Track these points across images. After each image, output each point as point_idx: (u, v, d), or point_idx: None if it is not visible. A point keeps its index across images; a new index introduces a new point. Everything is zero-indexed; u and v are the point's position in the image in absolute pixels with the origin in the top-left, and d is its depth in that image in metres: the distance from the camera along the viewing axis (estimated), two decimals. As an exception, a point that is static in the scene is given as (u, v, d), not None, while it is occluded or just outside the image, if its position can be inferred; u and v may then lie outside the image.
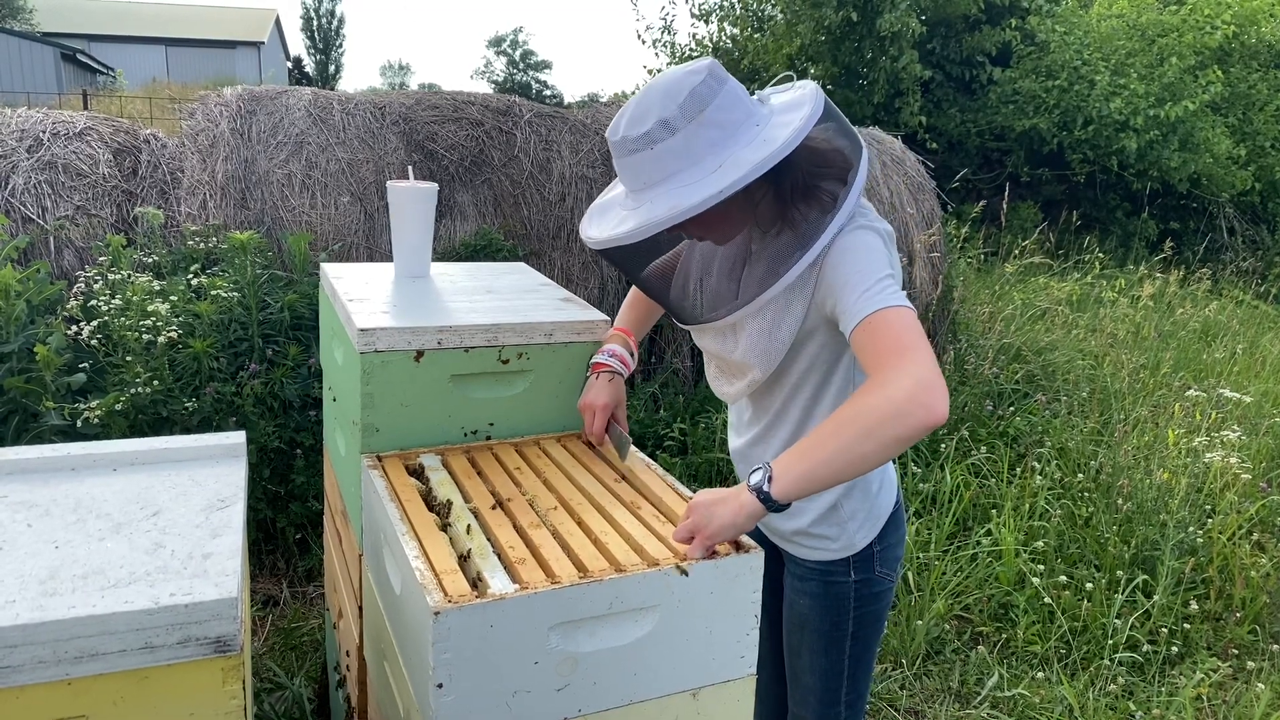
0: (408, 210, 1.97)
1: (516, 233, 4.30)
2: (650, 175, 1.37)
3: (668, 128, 1.33)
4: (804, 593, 1.65)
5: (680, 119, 1.33)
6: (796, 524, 1.61)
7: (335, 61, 43.78)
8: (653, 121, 1.33)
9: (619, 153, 1.39)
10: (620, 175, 1.43)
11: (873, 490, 1.61)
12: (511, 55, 50.35)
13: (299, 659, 2.79)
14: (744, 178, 1.30)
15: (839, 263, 1.38)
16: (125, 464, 1.51)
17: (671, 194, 1.34)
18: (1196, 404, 4.60)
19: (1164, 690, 2.91)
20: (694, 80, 1.34)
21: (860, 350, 1.32)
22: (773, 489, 1.27)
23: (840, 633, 1.63)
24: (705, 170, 1.33)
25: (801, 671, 1.70)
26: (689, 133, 1.33)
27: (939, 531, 3.52)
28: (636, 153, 1.36)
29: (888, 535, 1.63)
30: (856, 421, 1.24)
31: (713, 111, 1.34)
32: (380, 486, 1.50)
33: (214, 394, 2.98)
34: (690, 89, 1.33)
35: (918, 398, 1.21)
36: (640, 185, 1.39)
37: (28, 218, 3.53)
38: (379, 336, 1.58)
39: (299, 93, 4.24)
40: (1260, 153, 10.06)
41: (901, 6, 8.80)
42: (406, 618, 1.30)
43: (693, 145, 1.34)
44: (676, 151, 1.34)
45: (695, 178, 1.33)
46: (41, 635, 1.04)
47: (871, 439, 1.22)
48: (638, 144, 1.35)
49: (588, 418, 1.68)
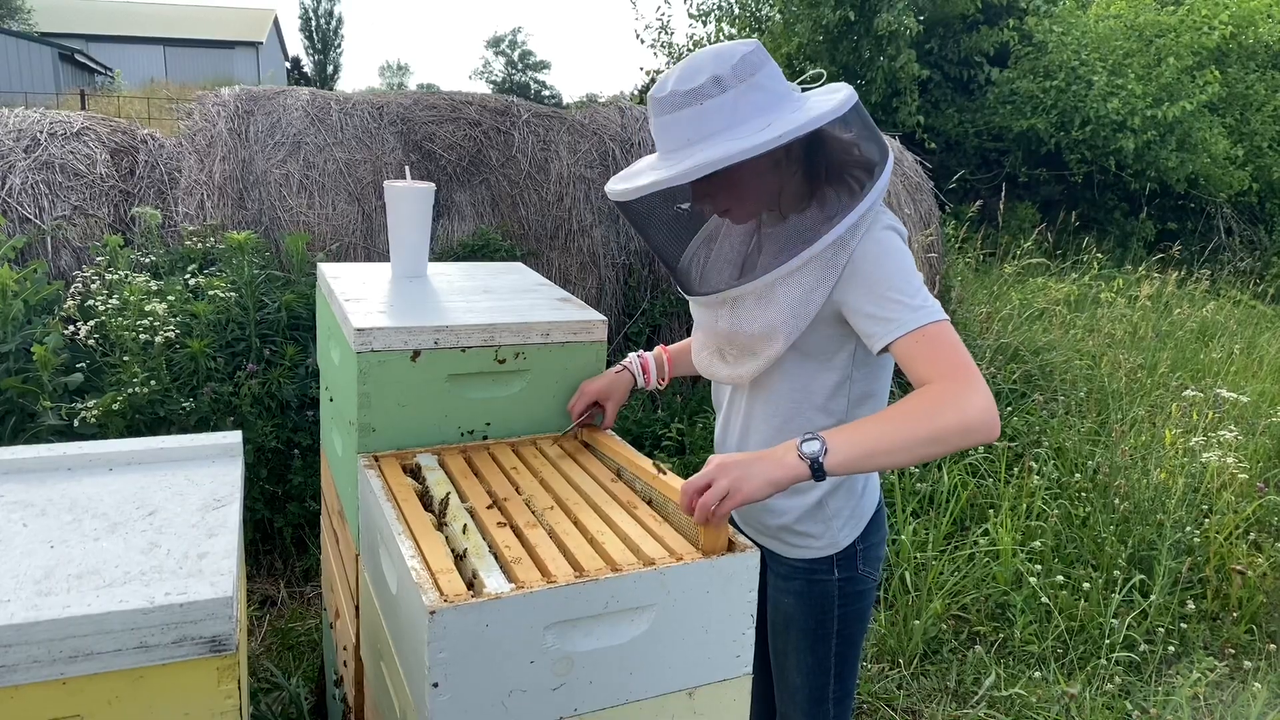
0: (405, 210, 1.97)
1: (514, 233, 4.30)
2: (694, 132, 1.38)
3: (720, 84, 1.36)
4: (788, 591, 1.65)
5: (732, 78, 1.36)
6: (782, 520, 1.61)
7: (334, 62, 43.79)
8: (705, 77, 1.36)
9: (664, 108, 1.40)
10: (659, 134, 1.43)
11: (857, 490, 1.62)
12: (510, 55, 50.36)
13: (296, 659, 2.79)
14: (794, 130, 1.32)
15: (876, 261, 1.40)
16: (121, 464, 1.51)
17: (722, 143, 1.35)
18: (1194, 404, 4.61)
19: (1161, 690, 2.91)
20: (745, 49, 1.39)
21: (912, 357, 1.35)
22: (827, 460, 1.28)
23: (825, 631, 1.64)
24: (753, 129, 1.36)
25: (788, 671, 1.70)
26: (738, 93, 1.37)
27: (936, 531, 3.52)
28: (683, 108, 1.37)
29: (870, 534, 1.64)
30: (928, 424, 1.29)
31: (762, 78, 1.39)
32: (377, 486, 1.50)
33: (211, 394, 2.98)
34: (742, 54, 1.38)
35: (987, 421, 1.30)
36: (681, 143, 1.40)
37: (25, 218, 3.53)
38: (376, 336, 1.58)
39: (297, 93, 4.23)
40: (1257, 153, 10.07)
41: (899, 6, 8.81)
42: (403, 617, 1.30)
43: (740, 105, 1.37)
44: (724, 109, 1.37)
45: (742, 134, 1.35)
46: (36, 635, 1.04)
47: (938, 444, 1.31)
48: (687, 99, 1.37)
49: (576, 397, 1.73)
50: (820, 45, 9.64)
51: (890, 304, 1.37)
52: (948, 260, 5.98)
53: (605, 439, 1.70)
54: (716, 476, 1.29)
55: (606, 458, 1.67)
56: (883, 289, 1.38)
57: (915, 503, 3.73)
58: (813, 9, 9.34)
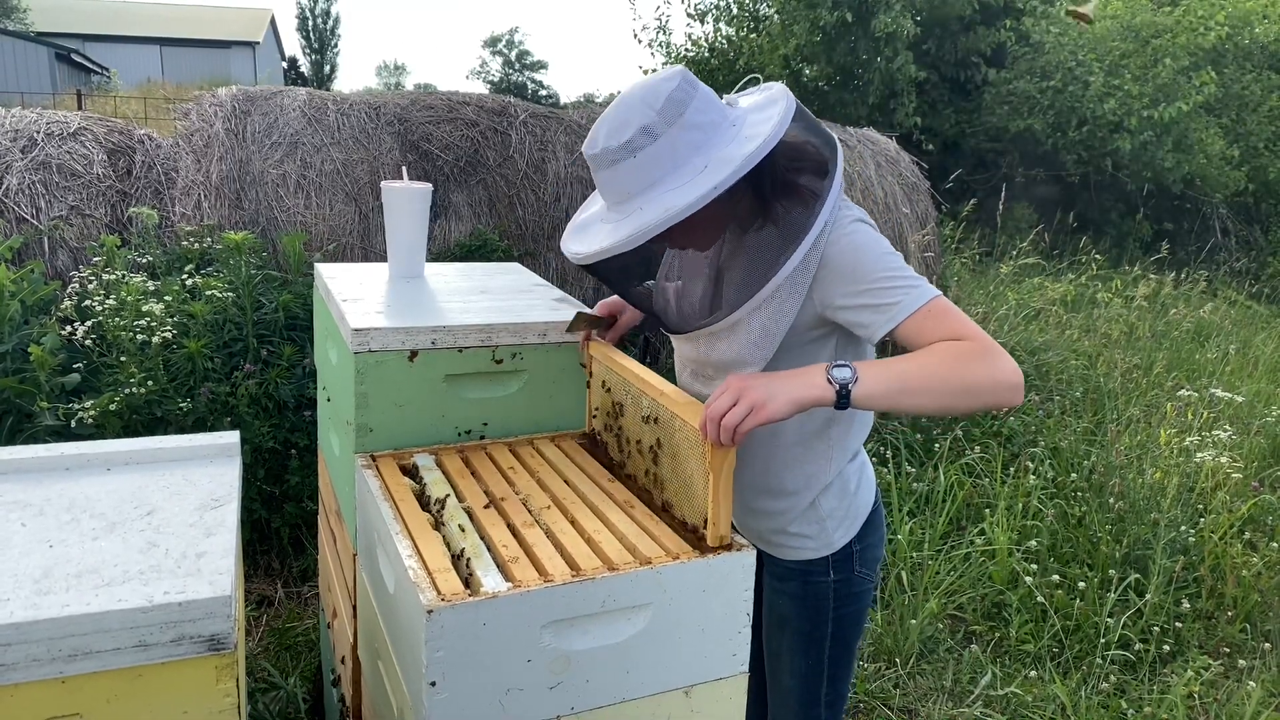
0: (402, 211, 1.98)
1: (511, 233, 4.30)
2: (634, 184, 1.36)
3: (649, 134, 1.33)
4: (783, 593, 1.65)
5: (661, 124, 1.33)
6: (775, 524, 1.60)
7: (330, 62, 43.72)
8: (634, 129, 1.32)
9: (599, 165, 1.38)
10: (601, 189, 1.43)
11: (850, 489, 1.60)
12: (507, 55, 50.30)
13: (294, 659, 2.79)
14: (734, 173, 1.29)
15: (855, 255, 1.38)
16: (119, 464, 1.51)
17: (662, 198, 1.33)
18: (1189, 404, 4.62)
19: (1156, 688, 2.92)
20: (669, 86, 1.34)
21: (922, 334, 1.33)
22: (856, 389, 1.26)
23: (820, 633, 1.63)
24: (692, 171, 1.33)
25: (781, 673, 1.70)
26: (671, 137, 1.33)
27: (933, 531, 3.53)
28: (618, 163, 1.35)
29: (867, 535, 1.63)
30: (961, 372, 1.28)
31: (691, 114, 1.34)
32: (374, 486, 1.51)
33: (208, 394, 2.98)
34: (667, 94, 1.33)
35: (1015, 384, 1.29)
36: (623, 196, 1.38)
37: (22, 218, 3.53)
38: (373, 337, 1.59)
39: (294, 93, 4.24)
40: (1253, 153, 10.09)
41: (896, 7, 8.82)
42: (400, 616, 1.31)
43: (676, 149, 1.33)
44: (660, 157, 1.33)
45: (682, 180, 1.33)
46: (35, 633, 1.04)
47: (968, 396, 1.29)
48: (619, 154, 1.34)
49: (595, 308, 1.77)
50: (818, 46, 9.65)
51: (883, 291, 1.35)
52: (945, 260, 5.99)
53: (609, 352, 1.67)
54: (739, 397, 1.25)
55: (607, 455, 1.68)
56: (870, 279, 1.37)
57: (911, 502, 3.74)
58: (810, 10, 9.34)
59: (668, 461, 1.47)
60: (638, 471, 1.57)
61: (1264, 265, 9.63)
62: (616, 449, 1.65)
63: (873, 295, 1.36)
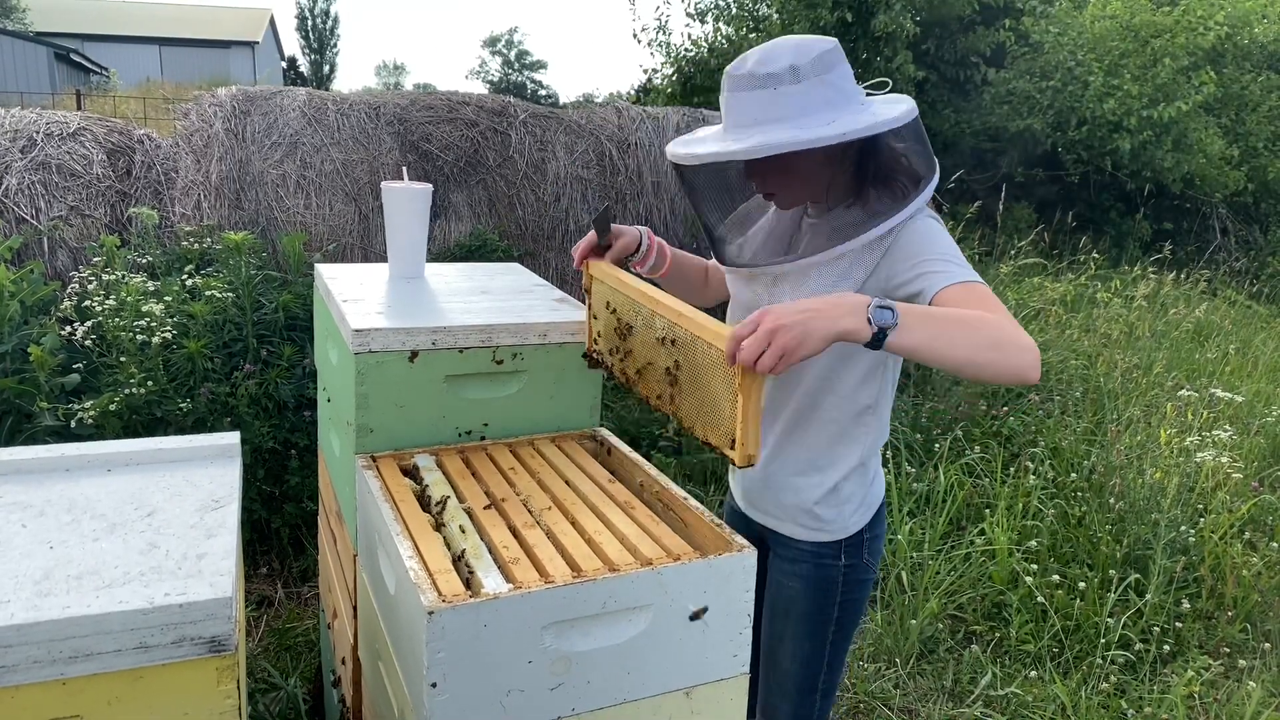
0: (402, 211, 1.98)
1: (511, 233, 4.30)
2: (763, 113, 1.43)
3: (796, 74, 1.41)
4: (794, 575, 1.68)
5: (809, 71, 1.42)
6: (801, 500, 1.64)
7: (330, 61, 43.74)
8: (783, 65, 1.41)
9: (739, 85, 1.45)
10: (728, 110, 1.48)
11: (869, 476, 1.66)
12: (507, 55, 50.32)
13: (294, 659, 2.79)
14: (857, 131, 1.39)
15: (924, 236, 1.47)
16: (120, 465, 1.51)
17: (787, 130, 1.40)
18: (1189, 404, 4.62)
19: (1156, 689, 2.92)
20: (824, 45, 1.45)
21: (961, 301, 1.37)
22: (894, 336, 1.24)
23: (825, 616, 1.67)
24: (819, 122, 1.41)
25: (782, 658, 1.72)
26: (810, 85, 1.42)
27: (933, 531, 3.53)
28: (757, 90, 1.43)
29: (876, 525, 1.69)
30: (993, 330, 1.29)
31: (834, 76, 1.45)
32: (375, 487, 1.50)
33: (208, 394, 2.98)
34: (821, 50, 1.44)
35: (1037, 360, 1.31)
36: (748, 121, 1.45)
37: (21, 218, 3.53)
38: (373, 337, 1.59)
39: (293, 93, 4.23)
40: (1253, 153, 10.09)
41: (896, 7, 8.81)
42: (401, 617, 1.30)
43: (810, 97, 1.42)
44: (795, 98, 1.42)
45: (808, 125, 1.41)
46: (36, 635, 1.04)
47: (996, 352, 1.28)
48: (763, 81, 1.42)
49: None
50: (817, 46, 9.64)
51: (940, 262, 1.43)
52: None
53: (615, 273, 1.64)
54: (771, 339, 1.22)
55: (611, 461, 1.68)
56: (931, 254, 1.44)
57: (912, 502, 3.74)
58: (810, 10, 9.34)
59: (688, 383, 1.43)
60: (649, 394, 1.54)
61: (1263, 265, 9.63)
62: (622, 372, 1.62)
63: (929, 264, 1.43)
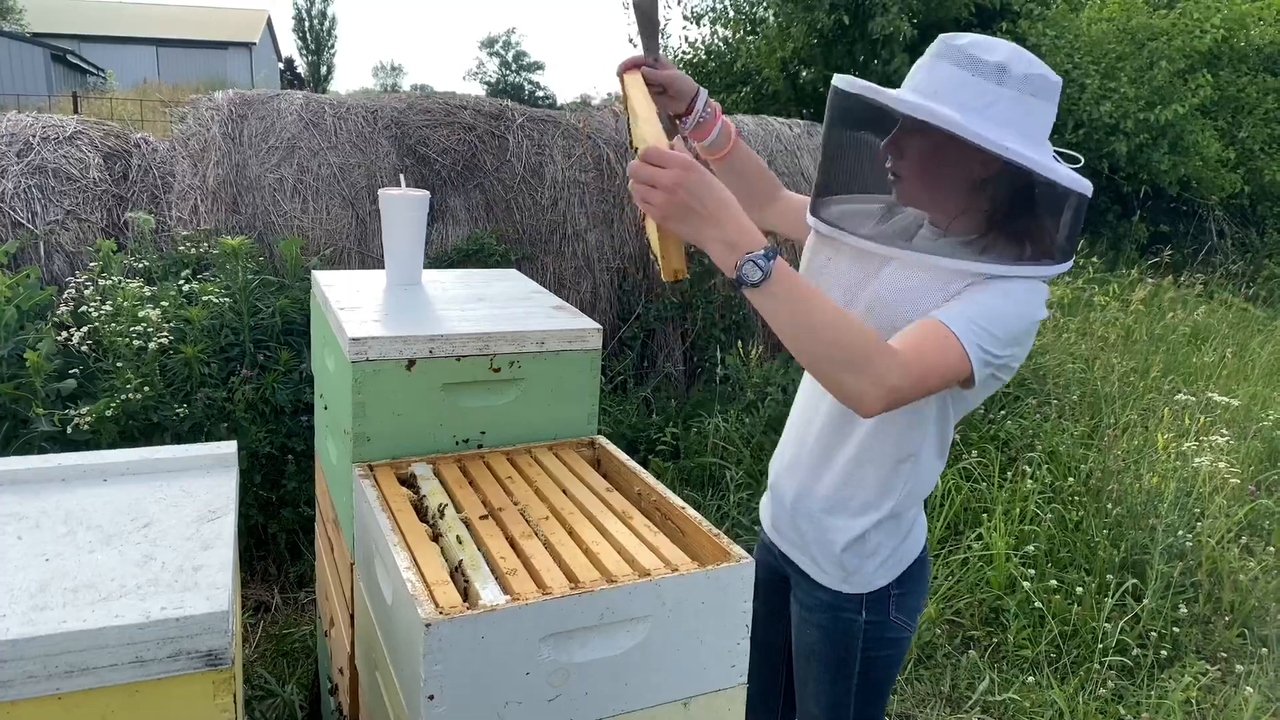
0: (399, 218, 1.97)
1: (509, 237, 4.30)
2: (948, 95, 1.35)
3: (1002, 75, 1.34)
4: (811, 624, 1.62)
5: (1015, 81, 1.34)
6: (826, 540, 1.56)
7: (327, 63, 43.74)
8: (995, 60, 1.34)
9: (944, 53, 1.38)
10: (921, 70, 1.41)
11: (903, 529, 1.56)
12: (504, 56, 50.34)
13: (290, 665, 2.79)
14: (1028, 162, 1.31)
15: (993, 292, 1.37)
16: (116, 474, 1.51)
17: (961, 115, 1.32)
18: (1186, 408, 4.63)
19: (1153, 694, 2.93)
20: (1048, 76, 1.37)
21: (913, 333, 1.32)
22: (750, 294, 1.22)
23: (847, 669, 1.59)
24: (992, 129, 1.32)
25: (807, 700, 1.67)
26: (1007, 94, 1.34)
27: (930, 536, 3.53)
28: (958, 66, 1.35)
29: (908, 581, 1.58)
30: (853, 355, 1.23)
31: (1035, 103, 1.36)
32: (372, 496, 1.50)
33: (205, 400, 2.97)
34: (1040, 73, 1.36)
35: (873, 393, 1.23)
36: (930, 93, 1.37)
37: (17, 223, 3.52)
38: (370, 345, 1.58)
39: (290, 96, 4.23)
40: (1249, 156, 10.10)
41: (893, 10, 8.82)
42: (398, 628, 1.30)
43: (997, 105, 1.34)
44: (986, 96, 1.34)
45: (981, 126, 1.32)
46: (32, 650, 1.04)
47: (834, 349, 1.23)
48: (966, 62, 1.35)
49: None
50: (815, 49, 9.65)
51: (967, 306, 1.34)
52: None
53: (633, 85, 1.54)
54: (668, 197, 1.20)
55: (609, 470, 1.67)
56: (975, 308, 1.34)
57: (909, 507, 3.73)
58: (807, 12, 9.35)
59: None
60: None
61: (1260, 268, 9.65)
62: None
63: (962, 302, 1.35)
